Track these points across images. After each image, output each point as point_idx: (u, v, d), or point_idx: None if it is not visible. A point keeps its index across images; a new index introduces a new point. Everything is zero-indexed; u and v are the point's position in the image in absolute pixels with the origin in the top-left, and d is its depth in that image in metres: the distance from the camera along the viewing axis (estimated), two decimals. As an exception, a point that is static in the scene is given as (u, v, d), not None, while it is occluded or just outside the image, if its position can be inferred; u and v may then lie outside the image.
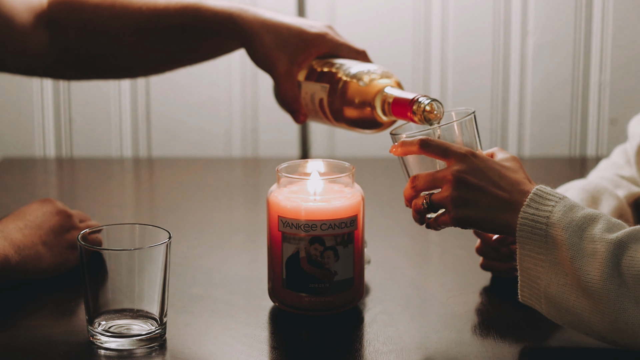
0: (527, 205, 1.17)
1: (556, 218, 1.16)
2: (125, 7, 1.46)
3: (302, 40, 1.41)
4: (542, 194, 1.18)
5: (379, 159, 2.07)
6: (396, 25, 2.17)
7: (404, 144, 1.24)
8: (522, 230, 1.17)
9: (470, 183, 1.19)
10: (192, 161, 2.07)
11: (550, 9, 2.15)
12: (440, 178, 1.21)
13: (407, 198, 1.26)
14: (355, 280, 1.28)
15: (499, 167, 1.21)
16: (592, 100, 2.19)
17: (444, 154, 1.22)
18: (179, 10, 1.44)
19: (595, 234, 1.14)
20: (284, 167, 1.30)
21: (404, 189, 1.26)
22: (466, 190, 1.19)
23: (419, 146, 1.23)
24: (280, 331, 1.26)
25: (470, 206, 1.19)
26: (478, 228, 1.21)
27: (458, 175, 1.20)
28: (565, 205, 1.17)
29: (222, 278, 1.40)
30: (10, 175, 1.96)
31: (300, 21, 1.43)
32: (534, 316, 1.24)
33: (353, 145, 2.21)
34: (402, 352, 1.19)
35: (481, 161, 1.21)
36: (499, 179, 1.20)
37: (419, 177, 1.24)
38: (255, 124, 2.21)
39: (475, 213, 1.19)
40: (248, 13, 1.42)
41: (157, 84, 2.19)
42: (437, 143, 1.22)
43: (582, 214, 1.16)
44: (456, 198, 1.19)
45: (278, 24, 1.41)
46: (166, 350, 1.20)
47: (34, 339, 1.22)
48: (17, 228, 1.33)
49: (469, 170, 1.20)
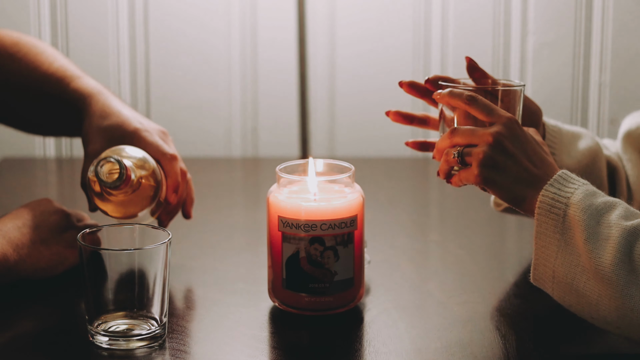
0: (550, 185, 1.18)
1: (576, 199, 1.16)
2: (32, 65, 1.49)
3: (121, 130, 1.39)
4: (567, 177, 1.19)
5: (379, 159, 2.07)
6: (396, 26, 2.17)
7: (452, 94, 1.24)
8: (542, 208, 1.17)
9: (506, 148, 1.19)
10: (192, 161, 2.07)
11: (550, 9, 2.15)
12: (480, 135, 1.21)
13: (439, 149, 1.25)
14: (355, 280, 1.28)
15: (536, 144, 1.22)
16: (592, 100, 2.19)
17: (489, 113, 1.22)
18: (56, 77, 1.47)
19: (611, 220, 1.15)
20: (283, 167, 1.30)
21: (439, 140, 1.25)
22: (500, 154, 1.19)
23: (466, 100, 1.22)
24: (280, 331, 1.25)
25: (498, 170, 1.19)
26: (496, 194, 1.21)
27: (497, 137, 1.20)
28: (587, 190, 1.18)
29: (222, 278, 1.40)
30: (10, 175, 1.96)
31: (137, 116, 1.42)
32: (534, 316, 1.24)
33: (353, 145, 2.21)
34: (402, 352, 1.19)
35: (522, 131, 1.21)
36: (533, 154, 1.20)
37: (459, 130, 1.23)
38: (255, 124, 2.21)
39: (500, 178, 1.19)
40: (99, 97, 1.42)
41: (157, 84, 2.19)
42: (484, 102, 1.22)
43: (602, 200, 1.17)
44: (488, 157, 1.19)
45: (114, 112, 1.41)
46: (166, 350, 1.20)
47: (34, 339, 1.22)
48: (16, 227, 1.33)
49: (508, 135, 1.20)
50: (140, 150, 1.36)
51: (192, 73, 2.19)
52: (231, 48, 2.18)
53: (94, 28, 2.17)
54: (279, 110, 2.21)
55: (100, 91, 1.44)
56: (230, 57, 2.18)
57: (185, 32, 2.18)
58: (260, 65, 2.18)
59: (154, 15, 2.16)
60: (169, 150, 1.40)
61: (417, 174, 2.04)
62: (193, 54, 2.19)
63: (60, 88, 1.45)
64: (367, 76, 2.19)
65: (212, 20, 2.17)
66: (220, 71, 2.19)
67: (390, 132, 2.21)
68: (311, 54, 2.17)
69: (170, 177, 1.39)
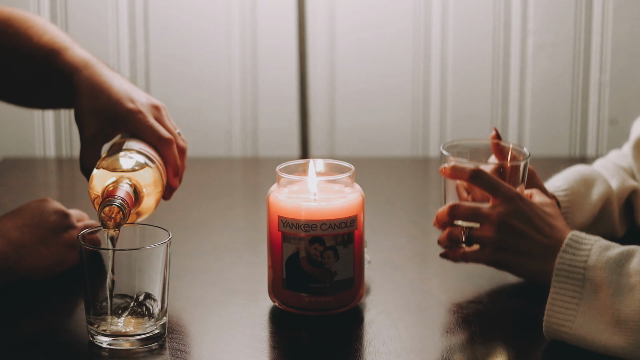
0: (563, 251, 1.18)
1: (593, 260, 1.16)
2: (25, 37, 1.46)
3: (115, 112, 1.35)
4: (578, 239, 1.18)
5: (379, 159, 2.07)
6: (396, 26, 2.17)
7: (455, 169, 1.24)
8: (559, 275, 1.17)
9: (515, 227, 1.19)
10: (192, 161, 2.06)
11: (550, 9, 2.15)
12: (484, 215, 1.21)
13: (439, 221, 1.26)
14: (355, 280, 1.28)
15: (542, 213, 1.21)
16: (592, 100, 2.19)
17: (492, 190, 1.21)
18: (45, 50, 1.42)
19: (632, 268, 1.15)
20: (283, 167, 1.30)
21: (439, 211, 1.25)
22: (509, 234, 1.19)
23: (469, 176, 1.22)
24: (280, 331, 1.25)
25: (510, 250, 1.20)
26: (511, 272, 1.21)
27: (503, 219, 1.19)
28: (601, 246, 1.17)
29: (222, 278, 1.40)
30: (10, 175, 1.96)
31: (128, 92, 1.37)
32: (534, 316, 1.24)
33: (353, 145, 2.21)
34: (402, 352, 1.19)
35: (527, 205, 1.20)
36: (542, 225, 1.20)
37: (460, 207, 1.23)
38: (255, 124, 2.21)
39: (512, 257, 1.20)
40: (86, 71, 1.37)
41: (157, 84, 2.19)
42: (488, 178, 1.21)
43: (617, 252, 1.17)
44: (498, 241, 1.19)
45: (104, 89, 1.36)
46: (166, 350, 1.20)
47: (34, 338, 1.22)
48: (15, 227, 1.33)
49: (514, 214, 1.20)
50: (137, 155, 1.33)
51: (192, 73, 2.19)
52: (231, 48, 2.18)
53: (94, 28, 2.17)
54: (279, 110, 2.20)
55: (87, 64, 1.39)
56: (231, 57, 2.17)
57: (185, 32, 2.17)
58: (260, 65, 2.18)
59: (154, 15, 2.16)
60: (164, 133, 1.36)
61: (417, 174, 2.04)
62: (193, 54, 2.18)
63: (48, 62, 1.41)
64: (367, 76, 2.19)
65: (212, 20, 2.17)
66: (220, 71, 2.19)
67: (390, 132, 2.21)
68: (311, 54, 2.17)
69: (169, 163, 1.36)
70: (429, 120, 2.20)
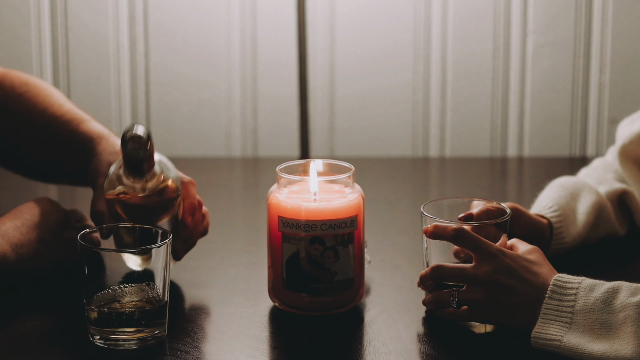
0: (549, 297, 1.18)
1: (580, 305, 1.17)
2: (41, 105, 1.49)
3: None
4: (561, 283, 1.19)
5: (379, 159, 2.07)
6: (396, 26, 2.17)
7: (437, 229, 1.24)
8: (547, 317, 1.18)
9: (502, 284, 1.19)
10: (192, 161, 2.06)
11: (550, 9, 2.15)
12: (469, 276, 1.21)
13: (423, 282, 1.26)
14: (355, 280, 1.28)
15: (526, 264, 1.21)
16: (592, 100, 2.19)
17: (475, 249, 1.21)
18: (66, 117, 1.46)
19: (620, 303, 1.16)
20: (283, 167, 1.30)
21: (422, 273, 1.25)
22: (498, 292, 1.19)
23: (452, 236, 1.22)
24: (280, 331, 1.25)
25: (500, 307, 1.20)
26: (505, 326, 1.21)
27: (490, 277, 1.19)
28: (586, 287, 1.18)
29: (222, 278, 1.40)
30: (10, 175, 1.96)
31: None
32: (534, 316, 1.24)
33: (353, 145, 2.21)
34: (402, 352, 1.19)
35: (510, 259, 1.20)
36: (528, 275, 1.20)
37: (444, 268, 1.23)
38: (255, 124, 2.21)
39: (503, 313, 1.20)
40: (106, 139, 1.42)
41: (157, 84, 2.19)
42: (471, 238, 1.21)
43: (603, 290, 1.17)
44: (489, 302, 1.20)
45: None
46: (166, 350, 1.20)
47: (33, 339, 1.22)
48: (15, 227, 1.33)
49: (499, 271, 1.20)
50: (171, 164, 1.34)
51: (192, 73, 2.19)
52: (231, 48, 2.18)
53: (94, 28, 2.17)
54: (279, 110, 2.21)
55: (110, 134, 1.44)
56: (230, 57, 2.18)
57: (185, 32, 2.18)
58: (260, 65, 2.18)
59: (154, 15, 2.16)
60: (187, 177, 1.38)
61: (417, 174, 2.04)
62: (193, 54, 2.19)
63: (70, 129, 1.45)
64: (367, 76, 2.19)
65: (212, 21, 2.17)
66: (220, 71, 2.19)
67: (390, 132, 2.21)
68: (311, 54, 2.17)
69: (188, 200, 1.38)
70: (429, 121, 2.20)
